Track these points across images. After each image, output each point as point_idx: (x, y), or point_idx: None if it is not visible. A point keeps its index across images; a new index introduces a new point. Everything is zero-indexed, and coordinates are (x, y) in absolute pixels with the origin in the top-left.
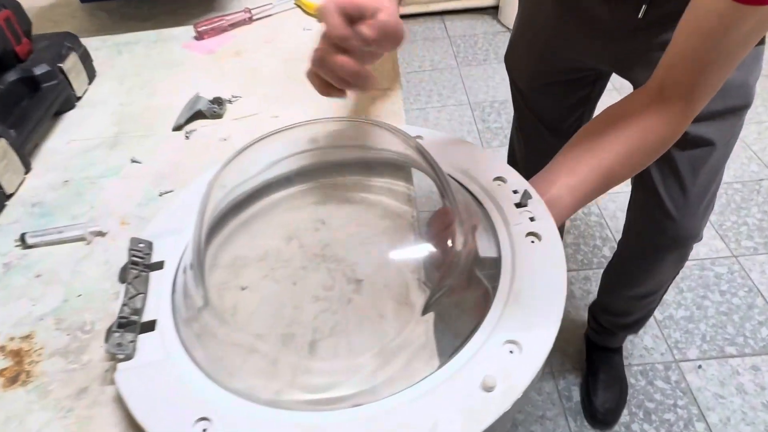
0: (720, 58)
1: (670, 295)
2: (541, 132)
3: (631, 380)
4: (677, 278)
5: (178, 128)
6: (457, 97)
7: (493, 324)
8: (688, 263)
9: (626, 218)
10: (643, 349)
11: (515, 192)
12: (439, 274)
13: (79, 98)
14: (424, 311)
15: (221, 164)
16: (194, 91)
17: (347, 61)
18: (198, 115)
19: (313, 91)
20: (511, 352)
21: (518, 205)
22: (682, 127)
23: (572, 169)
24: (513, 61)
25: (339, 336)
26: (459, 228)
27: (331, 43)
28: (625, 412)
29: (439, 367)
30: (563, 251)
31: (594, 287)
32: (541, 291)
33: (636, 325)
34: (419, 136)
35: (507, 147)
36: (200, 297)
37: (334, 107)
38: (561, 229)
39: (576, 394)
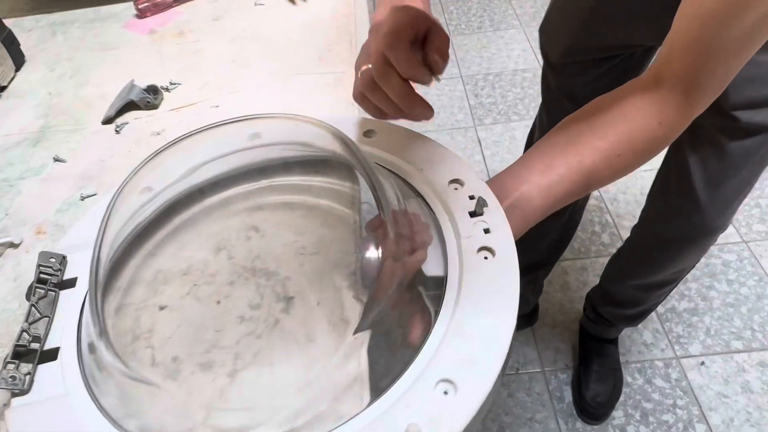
0: (723, 50)
1: None
2: (569, 113)
3: (627, 378)
4: None
5: (108, 121)
6: (447, 70)
7: (428, 358)
8: None
9: (646, 204)
10: (642, 344)
11: (471, 198)
12: (370, 291)
13: (3, 88)
14: (356, 331)
15: (136, 166)
16: (130, 77)
17: (408, 91)
18: (131, 106)
19: (260, 77)
20: (445, 392)
21: (473, 214)
22: (680, 127)
23: (548, 166)
24: (548, 35)
25: (262, 365)
26: (392, 238)
27: (385, 65)
28: (620, 413)
29: (368, 404)
30: (518, 270)
31: (591, 278)
32: (487, 320)
33: (638, 318)
34: (370, 131)
35: (500, 125)
36: (95, 323)
37: (283, 94)
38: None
39: (568, 395)
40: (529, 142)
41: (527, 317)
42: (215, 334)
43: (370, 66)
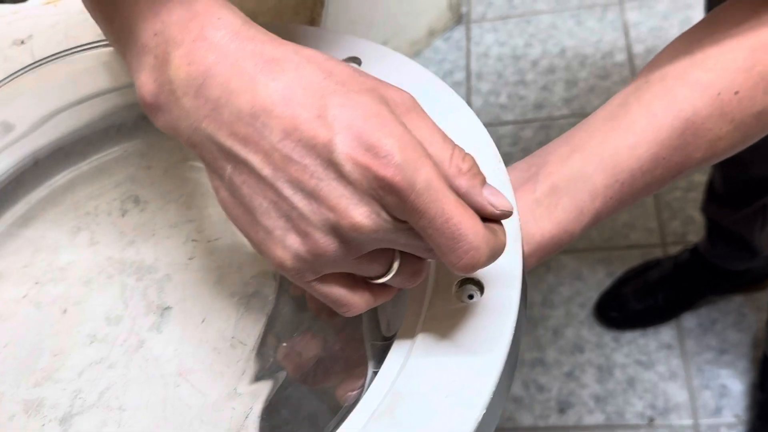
0: None
1: None
2: None
3: None
4: None
5: None
6: None
7: None
8: None
9: None
10: None
11: None
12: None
13: None
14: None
15: None
16: None
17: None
18: None
19: None
20: None
21: None
22: None
23: (616, 118)
24: None
25: (109, 408)
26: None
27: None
28: None
29: None
30: (514, 325)
31: None
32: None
33: None
34: (354, 58)
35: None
36: None
37: None
38: None
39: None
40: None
41: (746, 278)
42: (52, 359)
43: None
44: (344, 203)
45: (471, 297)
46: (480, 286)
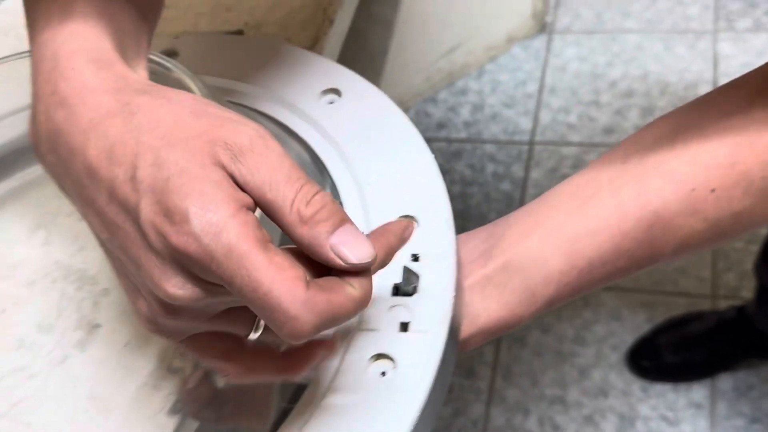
0: None
1: None
2: None
3: None
4: None
5: None
6: None
7: None
8: None
9: None
10: None
11: (414, 258)
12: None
13: None
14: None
15: None
16: None
17: None
18: None
19: None
20: None
21: (397, 290)
22: None
23: (583, 200)
24: None
25: (17, 423)
26: None
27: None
28: None
29: None
30: (425, 398)
31: None
32: None
33: None
34: (333, 90)
35: (765, 34)
36: None
37: None
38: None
39: None
40: None
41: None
42: None
43: None
44: (157, 274)
45: (383, 374)
46: (393, 362)
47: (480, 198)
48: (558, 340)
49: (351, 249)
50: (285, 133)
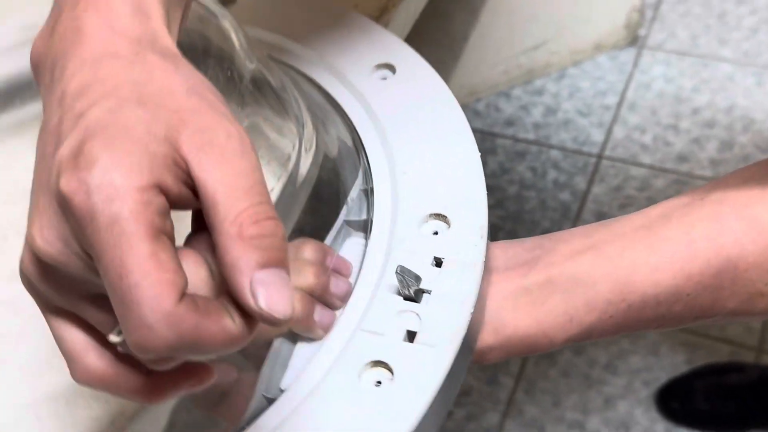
0: None
1: None
2: None
3: None
4: None
5: None
6: None
7: None
8: None
9: None
10: None
11: (437, 262)
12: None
13: None
14: None
15: None
16: None
17: None
18: None
19: None
20: None
21: (407, 297)
22: None
23: (659, 232)
24: None
25: None
26: None
27: None
28: None
29: None
30: (417, 421)
31: None
32: None
33: None
34: (388, 65)
35: None
36: None
37: None
38: None
39: None
40: None
41: None
42: None
43: None
44: (34, 215)
45: (378, 384)
46: (390, 371)
47: (536, 203)
48: (589, 364)
49: (270, 295)
50: (327, 102)
